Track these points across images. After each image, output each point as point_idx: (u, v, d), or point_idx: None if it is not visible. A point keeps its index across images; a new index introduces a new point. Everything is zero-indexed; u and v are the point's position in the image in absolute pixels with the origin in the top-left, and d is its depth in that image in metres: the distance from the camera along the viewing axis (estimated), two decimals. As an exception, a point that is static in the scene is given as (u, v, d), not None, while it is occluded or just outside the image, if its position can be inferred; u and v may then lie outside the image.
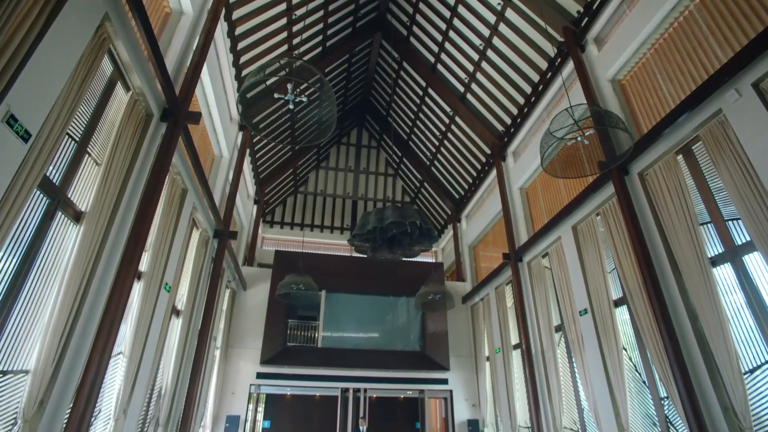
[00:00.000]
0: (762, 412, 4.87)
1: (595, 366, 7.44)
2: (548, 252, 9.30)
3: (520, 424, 10.13)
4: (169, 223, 6.91)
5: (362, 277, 13.05)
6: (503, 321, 11.10)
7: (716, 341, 5.27)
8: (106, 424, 5.61)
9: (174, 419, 7.65)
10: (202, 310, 8.76)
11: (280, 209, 17.38)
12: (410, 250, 8.30)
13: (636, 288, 6.69)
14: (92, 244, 4.70)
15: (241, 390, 11.12)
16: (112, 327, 4.86)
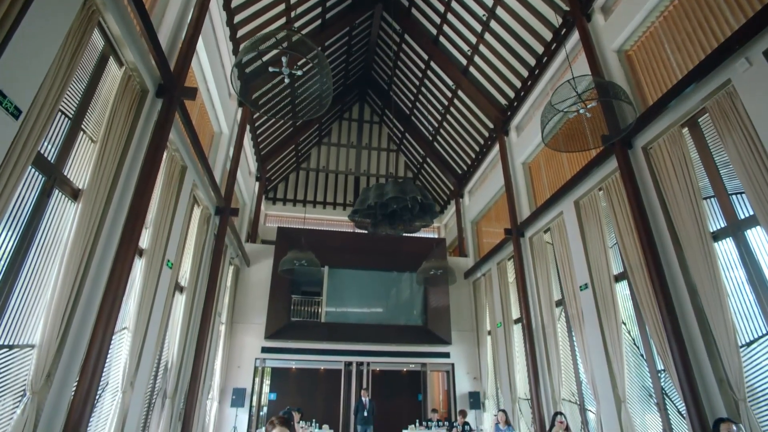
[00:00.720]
0: (756, 384, 4.93)
1: (594, 340, 7.51)
2: (550, 227, 9.26)
3: (519, 396, 10.33)
4: (169, 201, 6.92)
5: (365, 253, 13.12)
6: (504, 296, 11.18)
7: (715, 315, 5.29)
8: (114, 397, 5.78)
9: (181, 391, 7.86)
10: (206, 287, 8.86)
11: (283, 186, 17.36)
12: (411, 225, 8.31)
13: (637, 263, 6.67)
14: (91, 221, 4.72)
15: (247, 364, 11.38)
16: (114, 303, 4.94)
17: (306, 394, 13.49)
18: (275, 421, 2.71)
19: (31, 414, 4.16)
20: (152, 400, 7.15)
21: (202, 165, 7.97)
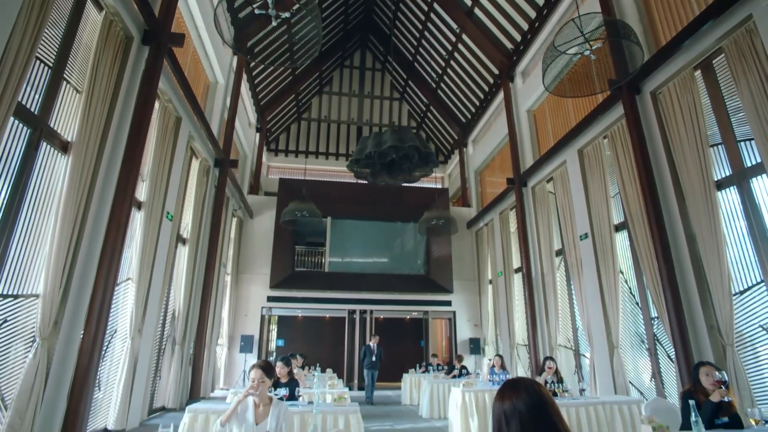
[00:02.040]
0: (744, 330, 5.02)
1: (591, 288, 7.60)
2: (553, 177, 9.13)
3: (518, 342, 10.67)
4: (165, 153, 6.86)
5: (367, 204, 13.12)
6: (506, 246, 11.25)
7: (711, 264, 5.29)
8: (123, 343, 6.04)
9: (189, 338, 8.19)
10: (208, 238, 8.98)
11: (284, 137, 17.11)
12: (410, 175, 8.20)
13: (638, 212, 6.61)
14: (83, 173, 4.70)
15: (253, 312, 11.77)
16: (114, 254, 5.02)
17: (312, 341, 14.05)
18: (255, 365, 2.80)
19: (42, 358, 4.36)
20: (162, 346, 7.49)
21: (198, 116, 7.81)
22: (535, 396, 1.17)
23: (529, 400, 1.17)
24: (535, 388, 1.20)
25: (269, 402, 2.81)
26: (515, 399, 1.18)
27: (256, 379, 2.77)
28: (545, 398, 1.17)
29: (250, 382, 2.82)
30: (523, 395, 1.18)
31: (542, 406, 1.15)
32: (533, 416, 1.14)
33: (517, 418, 1.15)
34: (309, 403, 4.33)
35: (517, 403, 1.17)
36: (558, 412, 1.16)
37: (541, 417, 1.14)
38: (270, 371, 2.79)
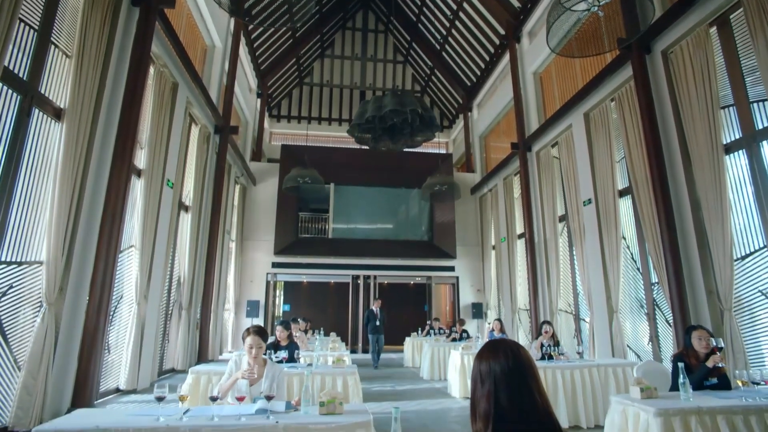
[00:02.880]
0: (743, 295, 5.03)
1: (593, 254, 7.60)
2: (558, 141, 8.94)
3: (519, 307, 10.81)
4: (163, 119, 6.78)
5: (371, 170, 13.03)
6: (509, 211, 11.21)
7: (714, 229, 5.23)
8: (130, 308, 6.19)
9: (195, 304, 8.38)
10: (211, 205, 9.01)
11: (286, 102, 16.83)
12: (412, 140, 8.08)
13: (642, 177, 6.49)
14: (79, 140, 4.66)
15: (259, 278, 11.97)
16: (114, 221, 5.06)
17: (317, 306, 14.34)
18: (250, 330, 2.85)
19: (50, 322, 4.48)
20: (169, 311, 7.68)
21: (195, 81, 7.66)
22: (512, 359, 1.17)
23: (505, 363, 1.17)
24: (514, 351, 1.19)
25: (263, 364, 2.89)
26: (492, 361, 1.19)
27: (253, 346, 2.83)
28: (522, 362, 1.16)
29: (246, 348, 2.88)
30: (501, 358, 1.18)
31: (517, 369, 1.15)
32: (507, 379, 1.15)
33: (491, 379, 1.16)
34: (308, 365, 4.45)
35: (493, 365, 1.17)
36: (534, 376, 1.16)
37: (514, 380, 1.14)
38: (264, 335, 2.84)
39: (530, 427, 1.09)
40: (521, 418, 1.10)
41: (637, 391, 2.82)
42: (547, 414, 1.11)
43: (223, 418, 2.31)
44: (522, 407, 1.11)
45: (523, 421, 1.10)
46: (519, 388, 1.13)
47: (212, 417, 2.31)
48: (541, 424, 1.10)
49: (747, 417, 2.56)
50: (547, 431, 1.09)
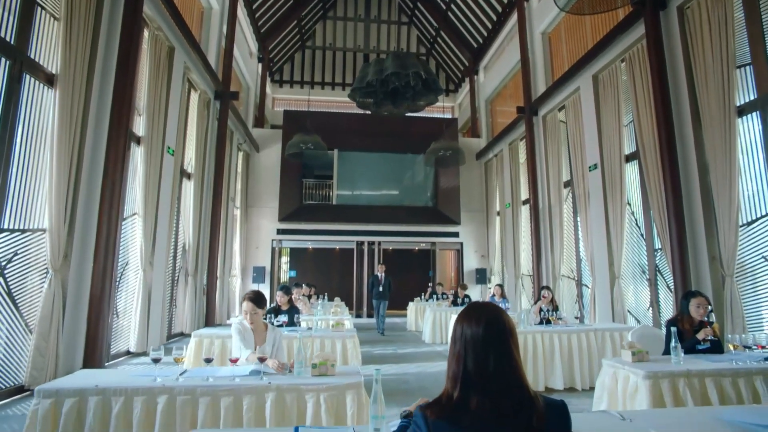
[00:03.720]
0: (746, 261, 4.99)
1: (597, 219, 7.54)
2: (565, 104, 8.70)
3: (523, 273, 10.87)
4: (160, 85, 6.67)
5: (375, 135, 12.85)
6: (515, 177, 11.08)
7: (721, 194, 5.13)
8: (136, 274, 6.31)
9: (201, 270, 8.52)
10: (213, 172, 9.00)
11: (288, 67, 16.45)
12: (415, 104, 7.91)
13: (650, 141, 6.33)
14: (74, 107, 4.62)
15: (264, 245, 12.11)
16: (114, 188, 5.08)
17: (323, 272, 14.54)
18: (246, 297, 2.89)
19: (57, 288, 4.60)
20: (175, 277, 7.83)
21: (192, 45, 7.47)
22: (483, 325, 1.16)
23: (476, 328, 1.16)
24: (488, 317, 1.17)
25: (265, 328, 2.95)
26: (465, 324, 1.19)
27: (248, 312, 2.88)
28: (494, 329, 1.15)
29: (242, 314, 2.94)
30: (473, 323, 1.17)
31: (488, 336, 1.14)
32: (475, 344, 1.14)
33: (462, 342, 1.16)
34: (308, 329, 4.55)
35: (465, 329, 1.17)
36: (506, 343, 1.14)
37: (483, 346, 1.14)
38: (260, 301, 2.88)
39: (496, 394, 1.09)
40: (487, 385, 1.10)
41: (628, 354, 2.84)
42: (517, 383, 1.11)
43: (217, 379, 2.38)
44: (488, 374, 1.11)
45: (488, 387, 1.10)
46: (486, 354, 1.12)
47: (207, 378, 2.38)
48: (507, 393, 1.10)
49: (735, 380, 2.58)
50: (515, 401, 1.09)
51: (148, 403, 2.27)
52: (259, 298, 2.88)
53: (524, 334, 4.63)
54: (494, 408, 1.07)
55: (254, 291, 2.93)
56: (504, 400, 1.08)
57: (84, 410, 2.24)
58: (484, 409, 1.07)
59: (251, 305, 2.82)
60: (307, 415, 2.30)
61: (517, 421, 1.07)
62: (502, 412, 1.07)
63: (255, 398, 2.30)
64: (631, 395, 2.67)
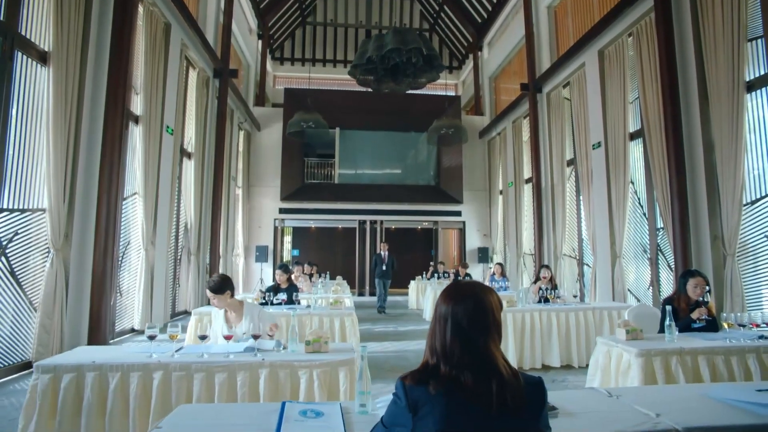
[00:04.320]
0: (748, 240, 4.95)
1: (600, 198, 7.47)
2: (570, 81, 8.52)
3: (525, 252, 10.87)
4: (157, 63, 6.58)
5: (377, 113, 12.69)
6: (518, 156, 10.97)
7: (726, 172, 5.05)
8: (138, 253, 6.36)
9: (204, 249, 8.58)
10: (214, 151, 8.96)
11: (289, 44, 16.16)
12: (416, 80, 7.78)
13: (656, 119, 6.21)
14: (69, 85, 4.57)
15: (267, 224, 12.15)
16: (113, 168, 5.08)
17: (326, 251, 14.61)
18: (207, 287, 2.87)
19: (59, 267, 4.66)
20: (178, 256, 7.89)
21: (188, 21, 7.33)
22: (460, 305, 1.17)
23: (452, 306, 1.17)
24: (465, 297, 1.18)
25: (240, 306, 2.95)
26: (442, 300, 1.21)
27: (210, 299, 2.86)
28: (469, 309, 1.16)
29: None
30: (449, 301, 1.19)
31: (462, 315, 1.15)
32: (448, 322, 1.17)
33: (440, 318, 1.19)
34: (307, 306, 4.59)
35: (441, 306, 1.20)
36: (483, 321, 1.15)
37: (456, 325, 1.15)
38: (222, 288, 2.82)
39: (469, 369, 1.11)
40: (462, 360, 1.12)
41: (622, 332, 2.84)
42: (492, 360, 1.12)
43: (212, 355, 2.41)
44: (463, 350, 1.13)
45: (463, 362, 1.11)
46: (461, 332, 1.14)
47: (202, 354, 2.41)
48: (482, 368, 1.11)
49: (728, 357, 2.58)
50: (489, 376, 1.10)
51: (144, 378, 2.31)
52: (219, 286, 2.80)
53: (522, 312, 4.65)
54: (468, 380, 1.10)
55: (213, 279, 2.85)
56: (478, 375, 1.10)
57: (82, 385, 2.29)
58: (458, 380, 1.10)
59: (210, 294, 2.81)
60: (301, 390, 2.33)
61: (492, 395, 1.08)
62: (477, 385, 1.09)
63: (249, 374, 2.33)
64: (624, 372, 2.69)
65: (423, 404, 1.09)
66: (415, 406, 1.10)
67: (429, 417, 1.08)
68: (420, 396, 1.11)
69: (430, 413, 1.08)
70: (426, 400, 1.10)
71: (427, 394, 1.10)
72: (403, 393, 1.13)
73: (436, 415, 1.07)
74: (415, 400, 1.10)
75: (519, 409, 1.09)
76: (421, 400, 1.10)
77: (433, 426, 1.07)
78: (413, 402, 1.11)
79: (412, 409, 1.10)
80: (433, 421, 1.07)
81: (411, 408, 1.10)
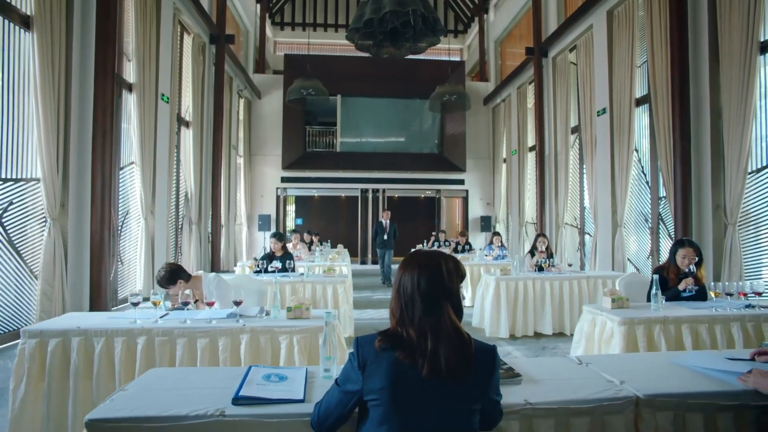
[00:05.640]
0: (750, 209, 4.86)
1: (603, 166, 7.33)
2: (576, 45, 8.20)
3: (527, 221, 10.81)
4: (149, 28, 6.41)
5: (380, 79, 12.40)
6: (522, 123, 10.73)
7: (732, 139, 4.89)
8: (138, 222, 6.42)
9: (205, 218, 8.64)
10: (212, 120, 8.87)
11: (289, 8, 15.66)
12: (416, 45, 7.52)
13: (663, 83, 5.98)
14: (55, 51, 4.48)
15: (269, 193, 12.17)
16: (106, 137, 5.03)
17: (329, 220, 14.63)
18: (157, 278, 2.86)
19: (57, 236, 4.70)
20: (179, 225, 7.96)
21: (180, -17, 7.10)
22: (416, 273, 1.19)
23: (410, 274, 1.20)
24: (421, 265, 1.20)
25: (199, 281, 2.97)
26: (403, 270, 1.23)
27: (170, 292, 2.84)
28: (427, 278, 1.17)
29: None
30: (408, 268, 1.22)
31: (421, 283, 1.17)
32: (403, 287, 1.20)
33: (400, 285, 1.22)
34: (300, 274, 4.63)
35: (403, 275, 1.22)
36: (437, 289, 1.17)
37: (410, 292, 1.18)
38: (172, 279, 2.81)
39: (423, 334, 1.14)
40: (410, 326, 1.16)
41: (608, 301, 2.83)
42: (445, 327, 1.14)
43: (195, 321, 2.45)
44: (418, 317, 1.16)
45: (420, 327, 1.15)
46: (411, 298, 1.18)
47: (185, 320, 2.45)
48: (435, 333, 1.14)
49: (712, 326, 2.57)
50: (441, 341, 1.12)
51: (128, 343, 2.36)
52: (168, 278, 2.80)
53: (516, 280, 4.66)
54: (413, 342, 1.13)
55: (160, 273, 2.84)
56: (425, 338, 1.13)
57: (68, 349, 2.34)
58: (404, 341, 1.14)
59: (162, 288, 2.81)
60: (281, 355, 2.37)
61: (438, 358, 1.11)
62: (422, 347, 1.12)
63: (230, 339, 2.37)
64: (607, 341, 2.69)
65: (371, 362, 1.14)
66: (364, 364, 1.15)
67: (375, 375, 1.12)
68: (369, 354, 1.15)
69: (376, 371, 1.12)
70: (373, 359, 1.14)
71: (375, 352, 1.14)
72: (355, 351, 1.18)
73: (381, 373, 1.11)
74: (365, 358, 1.15)
75: (464, 374, 1.11)
76: (369, 358, 1.15)
77: (378, 383, 1.11)
78: (363, 360, 1.15)
79: (362, 367, 1.15)
80: (378, 378, 1.11)
81: (360, 366, 1.15)
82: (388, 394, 1.09)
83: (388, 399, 1.09)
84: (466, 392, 1.12)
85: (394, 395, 1.09)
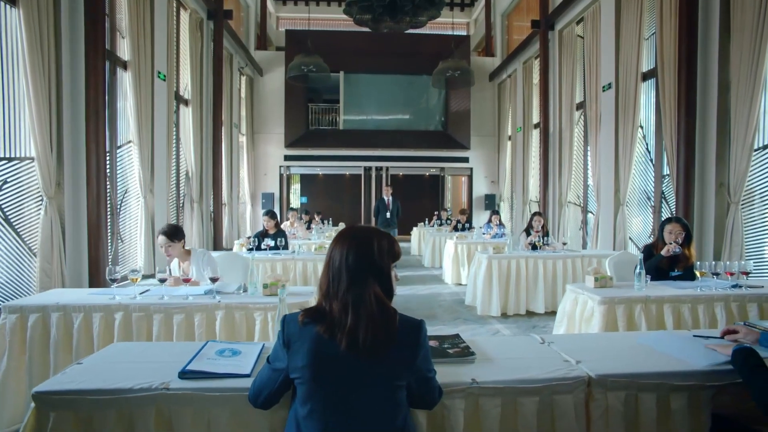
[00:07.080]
0: (754, 188, 4.71)
1: (607, 144, 7.16)
2: (584, 16, 7.90)
3: (531, 199, 10.68)
4: (142, 3, 6.30)
5: (383, 55, 12.15)
6: (527, 99, 10.49)
7: (739, 114, 4.71)
8: (137, 201, 6.48)
9: (206, 196, 8.68)
10: (212, 98, 8.81)
11: (292, -19, 15.32)
12: (416, 19, 7.32)
13: (671, 56, 5.75)
14: (43, 28, 4.43)
15: (272, 171, 12.16)
16: (99, 115, 5.03)
17: (333, 198, 14.66)
18: (159, 231, 2.93)
19: (53, 215, 4.76)
20: (180, 204, 8.01)
21: (174, -44, 6.94)
22: (344, 249, 1.18)
23: (339, 250, 1.19)
24: (351, 243, 1.19)
25: (188, 254, 3.01)
26: (334, 246, 1.22)
27: (162, 245, 2.91)
28: (355, 255, 1.16)
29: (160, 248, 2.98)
30: (337, 244, 1.21)
31: (349, 260, 1.16)
32: (333, 263, 1.19)
33: (330, 261, 1.20)
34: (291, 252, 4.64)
35: (333, 251, 1.21)
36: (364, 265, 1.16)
37: (338, 268, 1.17)
38: (177, 233, 2.90)
39: (348, 308, 1.13)
40: (335, 300, 1.15)
41: (591, 280, 2.79)
42: (369, 301, 1.12)
43: (172, 298, 2.47)
44: (335, 291, 1.15)
45: (345, 301, 1.13)
46: (338, 273, 1.16)
47: (162, 296, 2.47)
48: (359, 307, 1.12)
49: (695, 306, 2.52)
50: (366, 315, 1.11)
51: (106, 318, 2.40)
52: (174, 231, 2.91)
53: (508, 259, 4.62)
54: (335, 317, 1.12)
55: (169, 224, 2.97)
56: (347, 313, 1.12)
57: (48, 324, 2.39)
58: (326, 316, 1.14)
59: (164, 238, 2.87)
60: (256, 331, 2.39)
61: (358, 333, 1.09)
62: (342, 323, 1.11)
63: (206, 315, 2.40)
64: (587, 320, 2.66)
65: (296, 340, 1.13)
66: (289, 342, 1.14)
67: (299, 353, 1.11)
68: (293, 331, 1.14)
69: (300, 349, 1.11)
70: (298, 336, 1.13)
71: (299, 328, 1.13)
72: (281, 328, 1.17)
73: (303, 351, 1.10)
74: (289, 335, 1.14)
75: (386, 350, 1.10)
76: (294, 336, 1.13)
77: (300, 360, 1.10)
78: (287, 337, 1.14)
79: (287, 344, 1.14)
80: (301, 356, 1.10)
81: (285, 343, 1.14)
82: (309, 372, 1.08)
83: (310, 377, 1.08)
84: (389, 368, 1.11)
85: (315, 373, 1.08)
